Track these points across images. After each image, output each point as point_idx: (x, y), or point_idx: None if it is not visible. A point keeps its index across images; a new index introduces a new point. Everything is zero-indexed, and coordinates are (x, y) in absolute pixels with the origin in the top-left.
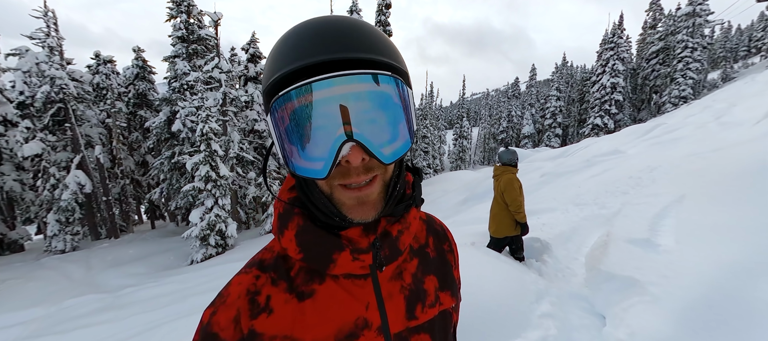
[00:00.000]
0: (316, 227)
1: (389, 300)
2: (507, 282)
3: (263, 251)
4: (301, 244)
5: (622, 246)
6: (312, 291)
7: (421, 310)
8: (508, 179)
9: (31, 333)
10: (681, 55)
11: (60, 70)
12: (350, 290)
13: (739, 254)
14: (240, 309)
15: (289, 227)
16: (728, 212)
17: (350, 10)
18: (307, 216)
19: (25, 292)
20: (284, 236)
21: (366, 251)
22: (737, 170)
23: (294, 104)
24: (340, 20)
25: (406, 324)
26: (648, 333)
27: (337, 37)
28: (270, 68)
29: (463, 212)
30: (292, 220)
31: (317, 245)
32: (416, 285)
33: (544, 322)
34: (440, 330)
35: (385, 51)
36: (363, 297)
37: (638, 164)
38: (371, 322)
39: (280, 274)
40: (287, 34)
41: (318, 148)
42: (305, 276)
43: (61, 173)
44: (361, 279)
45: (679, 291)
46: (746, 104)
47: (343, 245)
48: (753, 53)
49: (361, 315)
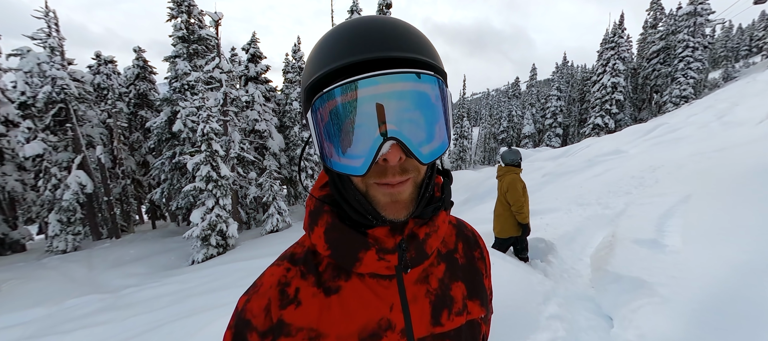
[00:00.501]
0: (344, 225)
1: (414, 303)
2: (513, 283)
3: (295, 246)
4: (329, 241)
5: (628, 247)
6: (338, 287)
7: (448, 317)
8: (511, 180)
9: (32, 333)
10: (682, 54)
11: (61, 70)
12: (375, 289)
13: (747, 255)
14: (271, 298)
15: (319, 224)
16: (735, 212)
17: (351, 10)
18: (337, 214)
19: (27, 292)
20: (314, 232)
21: (392, 251)
22: (743, 171)
23: (337, 101)
24: (383, 19)
25: (430, 330)
26: (658, 334)
27: (381, 36)
28: (313, 66)
29: (465, 213)
30: (322, 217)
31: (344, 242)
32: (443, 291)
33: (553, 324)
34: (467, 338)
35: (427, 51)
36: (387, 297)
37: (640, 164)
38: (395, 324)
39: (309, 268)
40: (330, 33)
41: (358, 145)
42: (333, 272)
43: (62, 173)
44: (386, 280)
45: (689, 292)
46: (748, 104)
47: (369, 244)
48: (754, 53)
49: (385, 315)
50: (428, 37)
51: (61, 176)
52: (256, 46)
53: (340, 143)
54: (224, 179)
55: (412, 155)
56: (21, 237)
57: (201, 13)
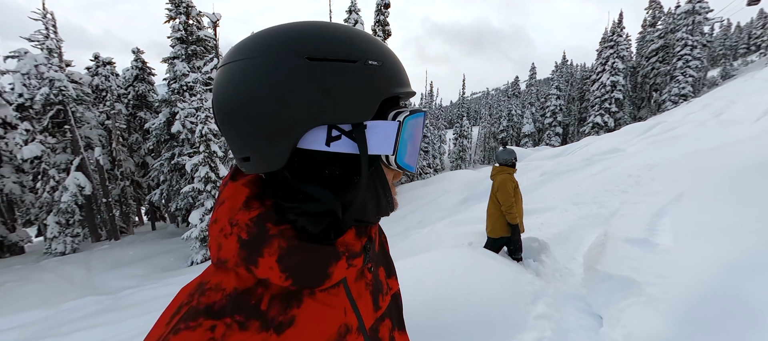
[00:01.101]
0: (307, 243)
1: (360, 300)
2: (502, 283)
3: (204, 296)
4: (290, 268)
5: (619, 246)
6: (291, 318)
7: (382, 299)
8: (502, 180)
9: (30, 335)
10: (681, 53)
11: (59, 72)
12: (327, 301)
13: (736, 253)
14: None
15: (264, 253)
16: (726, 210)
17: (349, 10)
18: (293, 233)
19: (25, 294)
20: (260, 266)
21: (359, 254)
22: (735, 168)
23: (422, 121)
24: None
25: (374, 316)
26: (644, 333)
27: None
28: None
29: (462, 212)
30: (269, 244)
31: (311, 262)
32: (375, 279)
33: (540, 324)
34: (395, 311)
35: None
36: (339, 304)
37: (637, 163)
38: (351, 325)
39: (247, 314)
40: (387, 48)
41: (416, 153)
42: (281, 303)
43: (60, 175)
44: (335, 288)
45: (677, 291)
46: (746, 102)
47: (340, 254)
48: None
49: (342, 321)
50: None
51: (59, 178)
52: None
53: (414, 150)
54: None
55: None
56: (19, 239)
57: (199, 14)
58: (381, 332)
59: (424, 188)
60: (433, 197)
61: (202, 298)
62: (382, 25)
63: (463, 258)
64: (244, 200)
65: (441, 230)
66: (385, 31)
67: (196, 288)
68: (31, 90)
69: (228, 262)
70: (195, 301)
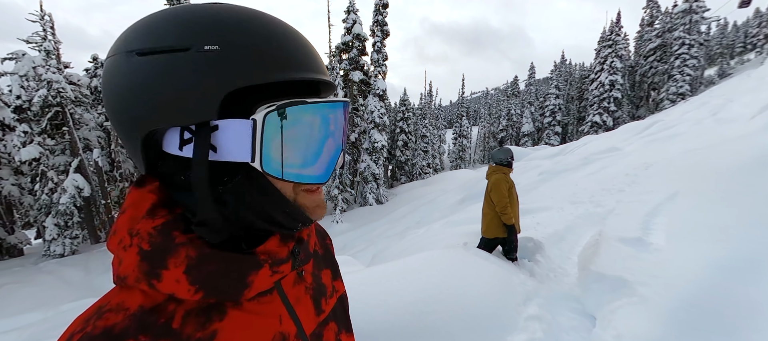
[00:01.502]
0: (222, 251)
1: (298, 305)
2: (493, 283)
3: (101, 318)
4: (200, 279)
5: (613, 245)
6: (213, 333)
7: (325, 302)
8: (496, 180)
9: (28, 337)
10: (678, 51)
11: (57, 73)
12: (258, 310)
13: (728, 252)
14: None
15: (169, 265)
16: (719, 209)
17: (348, 10)
18: (200, 242)
19: (24, 296)
20: (163, 278)
21: (285, 260)
22: (729, 166)
23: (319, 112)
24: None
25: (316, 321)
26: (635, 334)
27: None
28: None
29: (460, 212)
30: (175, 254)
31: (226, 272)
32: (317, 282)
33: (531, 325)
34: (341, 313)
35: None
36: (273, 311)
37: (635, 162)
38: (288, 333)
39: (157, 334)
40: (264, 21)
41: (325, 156)
42: (198, 319)
43: (59, 176)
44: (268, 295)
45: (668, 291)
46: (742, 100)
47: (261, 262)
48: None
49: (277, 329)
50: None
51: (58, 180)
52: None
53: (308, 153)
54: None
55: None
56: (18, 242)
57: None
58: (325, 336)
59: (423, 188)
60: (432, 197)
61: (99, 322)
62: (380, 25)
63: (454, 259)
64: (148, 208)
65: (437, 231)
66: (384, 31)
67: (93, 312)
68: (29, 92)
69: (128, 278)
70: (90, 327)
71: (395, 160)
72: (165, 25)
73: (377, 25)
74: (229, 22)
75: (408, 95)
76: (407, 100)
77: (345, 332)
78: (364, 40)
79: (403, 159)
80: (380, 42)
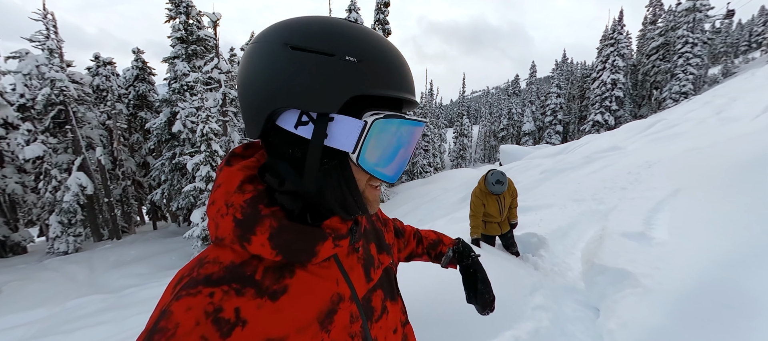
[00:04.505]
0: (297, 223)
1: (352, 272)
2: (501, 275)
3: (205, 266)
4: (279, 245)
5: (616, 240)
6: (285, 287)
7: (374, 272)
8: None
9: (35, 333)
10: (681, 50)
11: (60, 72)
12: (319, 274)
13: (731, 246)
14: (204, 335)
15: (257, 232)
16: (721, 204)
17: (349, 9)
18: (283, 215)
19: (29, 293)
20: (253, 242)
21: (345, 235)
22: (731, 164)
23: (410, 129)
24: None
25: (367, 287)
26: (639, 323)
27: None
28: (385, 78)
29: (462, 210)
30: (261, 223)
31: (300, 240)
32: (367, 254)
33: (537, 314)
34: (386, 282)
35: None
36: (331, 275)
37: (637, 160)
38: (344, 294)
39: (243, 282)
40: (385, 47)
41: (400, 163)
42: (274, 274)
43: (62, 175)
44: (326, 262)
45: (671, 283)
46: (746, 99)
47: (327, 235)
48: (753, 48)
49: (335, 291)
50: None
51: (61, 178)
52: None
53: (390, 156)
54: None
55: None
56: (22, 239)
57: (199, 13)
58: (374, 301)
59: (424, 186)
60: (434, 196)
61: (202, 270)
62: (381, 24)
63: None
64: (238, 184)
65: (441, 227)
66: (385, 29)
67: (196, 262)
68: (32, 90)
69: (225, 239)
70: (195, 273)
71: None
72: (318, 32)
73: (378, 23)
74: (363, 40)
75: None
76: None
77: (390, 300)
78: None
79: None
80: None
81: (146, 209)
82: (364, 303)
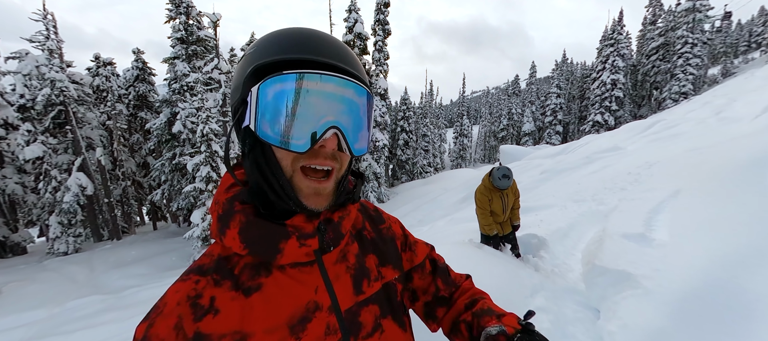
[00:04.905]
0: (262, 219)
1: (337, 281)
2: (502, 276)
3: (201, 258)
4: (246, 239)
5: (617, 241)
6: (259, 285)
7: (368, 285)
8: (476, 191)
9: (35, 333)
10: (681, 50)
11: (60, 72)
12: (297, 277)
13: (730, 247)
14: (181, 315)
15: (230, 226)
16: (721, 205)
17: (349, 9)
18: (251, 211)
19: (29, 294)
20: (226, 236)
21: (312, 235)
22: (732, 164)
23: (302, 85)
24: (334, 37)
25: (355, 300)
26: (640, 325)
27: (338, 49)
28: (273, 49)
29: (462, 210)
30: (233, 219)
31: (263, 237)
32: (360, 264)
33: (539, 316)
34: (386, 299)
35: (365, 75)
36: (311, 281)
37: (637, 161)
38: (321, 303)
39: (223, 274)
40: (289, 30)
41: (306, 126)
42: (251, 271)
43: (62, 175)
44: (308, 266)
45: (672, 284)
46: (746, 99)
47: (290, 233)
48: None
49: (312, 298)
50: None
51: (61, 179)
52: None
53: (289, 122)
54: None
55: (346, 146)
56: (22, 240)
57: (199, 14)
58: (363, 316)
59: (424, 186)
60: (434, 196)
61: (198, 261)
62: (381, 24)
63: (463, 253)
64: (228, 185)
65: (441, 228)
66: (385, 30)
67: (203, 254)
68: (32, 91)
69: (212, 233)
70: (195, 263)
71: (396, 159)
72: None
73: (378, 23)
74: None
75: (408, 94)
76: (408, 99)
77: (391, 318)
78: (366, 39)
79: (403, 158)
80: (382, 41)
81: (146, 209)
82: (347, 316)
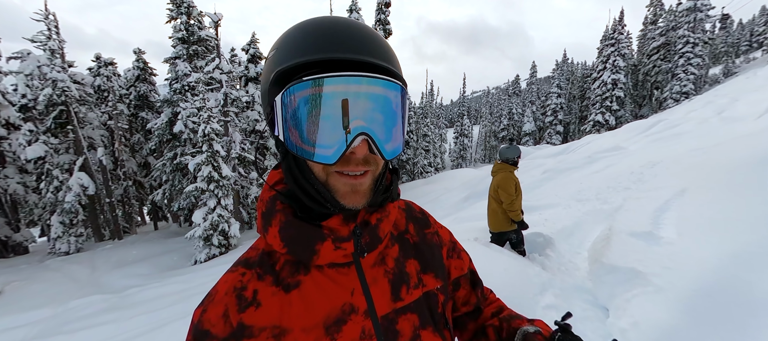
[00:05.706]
0: (298, 220)
1: (374, 285)
2: (510, 274)
3: (249, 251)
4: (285, 238)
5: (624, 239)
6: (297, 282)
7: (407, 292)
8: (503, 177)
9: (37, 333)
10: (682, 50)
11: (62, 72)
12: (335, 278)
13: (740, 245)
14: (228, 304)
15: (272, 224)
16: (729, 204)
17: (350, 10)
18: (291, 211)
19: (31, 294)
20: (269, 233)
21: (347, 239)
22: (737, 164)
23: (321, 90)
24: (358, 23)
25: (392, 306)
26: (651, 322)
27: (359, 39)
28: (290, 52)
29: (465, 210)
30: (275, 217)
31: (300, 237)
32: (399, 269)
33: (548, 314)
34: (426, 309)
35: (394, 61)
36: (348, 283)
37: (640, 160)
38: (358, 307)
39: (265, 269)
40: (306, 25)
41: (332, 136)
42: (291, 269)
43: (64, 175)
44: (345, 268)
45: (682, 282)
46: (748, 99)
47: (325, 235)
48: (755, 48)
49: (347, 300)
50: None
51: (62, 179)
52: (256, 46)
53: (314, 132)
54: (225, 180)
55: (377, 151)
56: (23, 240)
57: (200, 14)
58: (400, 324)
59: (426, 186)
60: (436, 196)
61: (246, 254)
62: (382, 24)
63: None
64: (272, 183)
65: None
66: (386, 29)
67: (251, 246)
68: (34, 91)
69: (258, 228)
70: (244, 255)
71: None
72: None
73: (379, 23)
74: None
75: (409, 94)
76: (409, 99)
77: (432, 330)
78: None
79: (404, 158)
80: None
81: (147, 209)
82: (383, 323)
